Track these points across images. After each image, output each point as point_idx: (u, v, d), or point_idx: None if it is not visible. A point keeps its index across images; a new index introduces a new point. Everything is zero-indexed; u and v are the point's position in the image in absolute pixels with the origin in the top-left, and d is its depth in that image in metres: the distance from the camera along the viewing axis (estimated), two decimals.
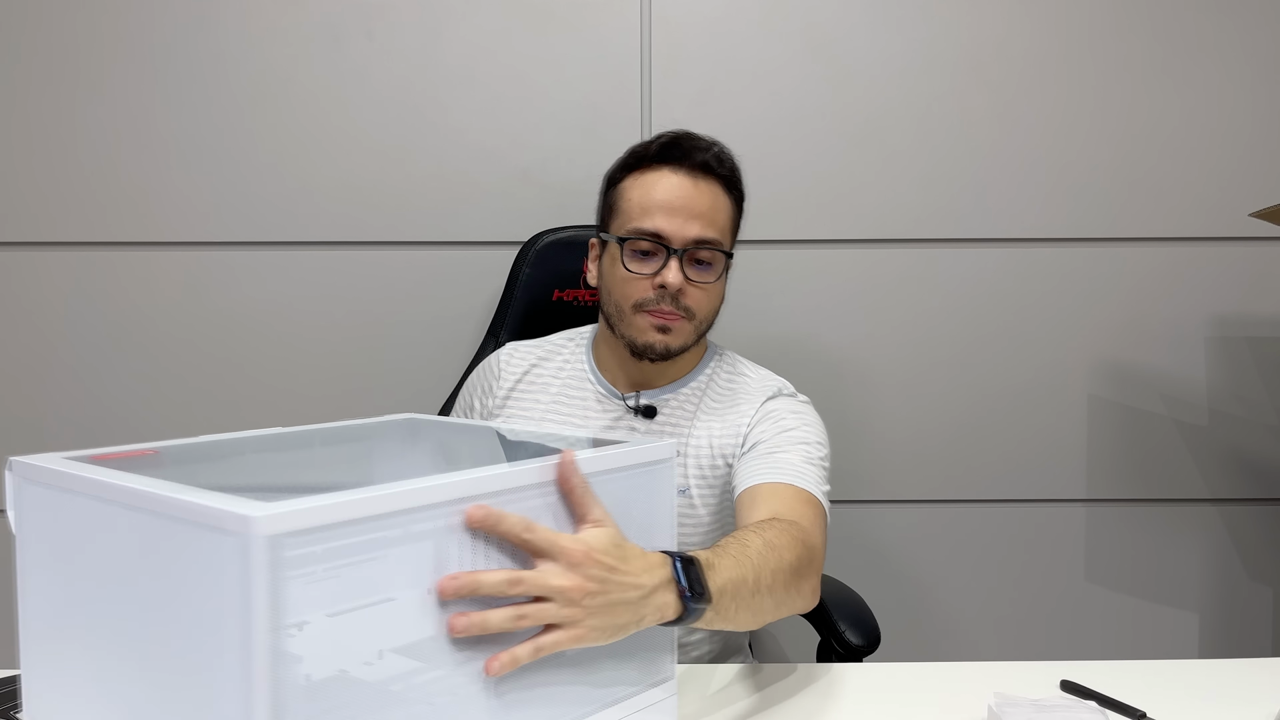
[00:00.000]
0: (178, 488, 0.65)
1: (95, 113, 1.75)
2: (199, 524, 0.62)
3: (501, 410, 1.32)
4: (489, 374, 1.35)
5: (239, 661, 0.60)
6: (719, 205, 1.22)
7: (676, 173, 1.20)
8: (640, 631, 0.80)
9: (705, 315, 1.24)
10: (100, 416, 1.78)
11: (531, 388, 1.32)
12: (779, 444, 1.21)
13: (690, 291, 1.20)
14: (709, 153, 1.22)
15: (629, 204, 1.22)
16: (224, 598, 0.60)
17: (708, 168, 1.21)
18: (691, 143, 1.22)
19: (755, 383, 1.30)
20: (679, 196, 1.19)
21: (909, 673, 1.08)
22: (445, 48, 1.76)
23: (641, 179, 1.23)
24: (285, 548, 0.60)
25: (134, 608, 0.67)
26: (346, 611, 0.63)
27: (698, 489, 1.24)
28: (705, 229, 1.19)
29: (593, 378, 1.30)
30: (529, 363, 1.34)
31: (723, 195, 1.23)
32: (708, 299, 1.23)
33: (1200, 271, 1.80)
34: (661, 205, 1.19)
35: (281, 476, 0.88)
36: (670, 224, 1.19)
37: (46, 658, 0.77)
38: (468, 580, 0.69)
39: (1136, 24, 1.77)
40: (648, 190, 1.21)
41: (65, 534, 0.73)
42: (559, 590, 0.73)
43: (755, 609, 0.93)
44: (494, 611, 0.70)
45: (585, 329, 1.38)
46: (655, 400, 1.28)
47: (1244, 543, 1.85)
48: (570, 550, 0.74)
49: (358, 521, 0.64)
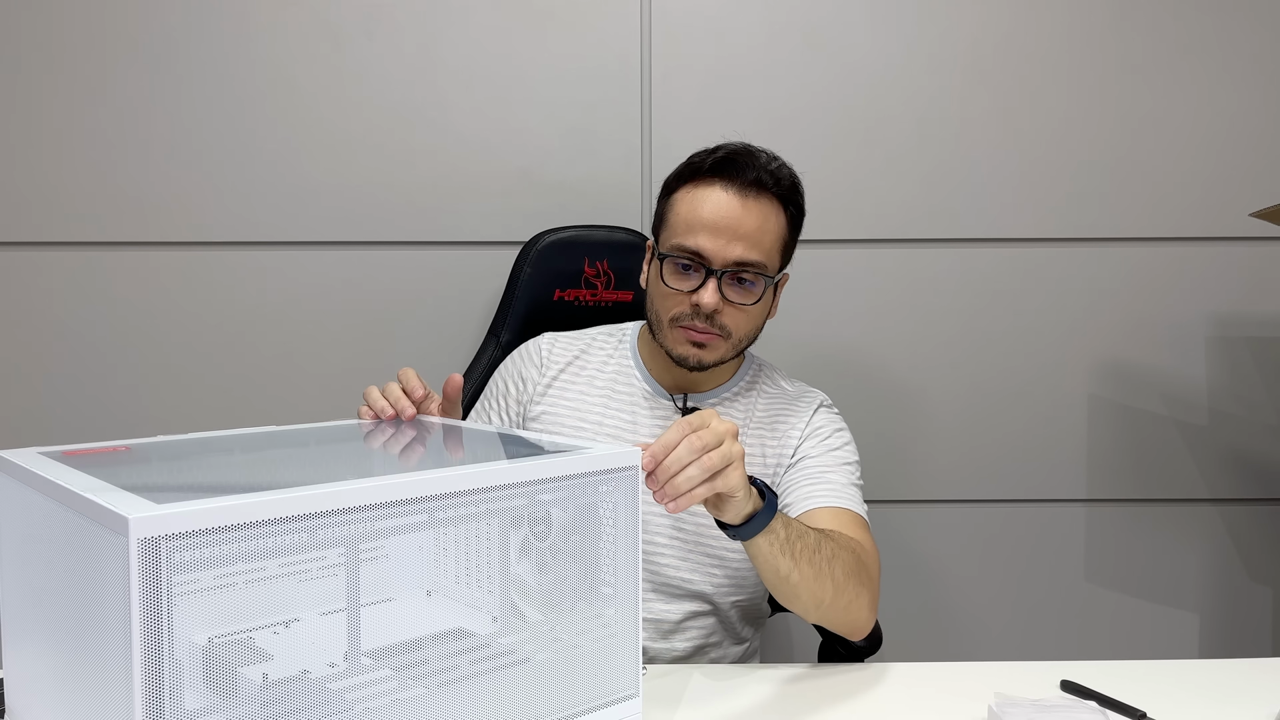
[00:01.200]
0: (94, 485, 0.65)
1: (95, 113, 1.75)
2: (96, 521, 0.62)
3: (544, 397, 1.31)
4: (528, 360, 1.35)
5: (123, 661, 0.59)
6: (768, 226, 1.20)
7: (727, 190, 1.19)
8: (605, 645, 0.82)
9: (744, 334, 1.24)
10: (100, 416, 1.78)
11: (577, 378, 1.33)
12: (827, 464, 1.25)
13: (728, 311, 1.20)
14: (764, 169, 1.20)
15: (676, 217, 1.22)
16: (114, 596, 0.60)
17: (760, 185, 1.20)
18: (748, 159, 1.21)
19: (799, 395, 1.33)
20: (725, 216, 1.18)
21: (909, 672, 1.08)
22: (445, 48, 1.76)
23: (692, 193, 1.21)
24: (164, 550, 0.59)
25: (66, 600, 0.67)
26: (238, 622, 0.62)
27: None
28: (748, 251, 1.18)
29: (639, 374, 1.32)
30: (572, 353, 1.35)
31: (774, 213, 1.21)
32: (746, 319, 1.23)
33: (1200, 271, 1.80)
34: (707, 224, 1.18)
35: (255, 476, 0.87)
36: (713, 244, 1.18)
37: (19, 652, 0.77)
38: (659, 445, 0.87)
39: (1137, 24, 1.77)
40: (695, 206, 1.20)
41: (24, 526, 0.73)
42: (725, 430, 0.89)
43: (817, 569, 1.02)
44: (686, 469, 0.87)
45: (627, 326, 1.39)
46: (701, 404, 1.29)
47: (1244, 543, 1.85)
48: (705, 413, 0.90)
49: (254, 525, 0.62)
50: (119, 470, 0.74)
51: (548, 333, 1.39)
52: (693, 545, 1.25)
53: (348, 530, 0.68)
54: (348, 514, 0.67)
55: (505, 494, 0.76)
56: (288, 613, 0.90)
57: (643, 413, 1.29)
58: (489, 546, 0.95)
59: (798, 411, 1.30)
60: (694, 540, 1.25)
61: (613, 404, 1.30)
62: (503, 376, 1.37)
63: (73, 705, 0.68)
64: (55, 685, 0.70)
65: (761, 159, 1.22)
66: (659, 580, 1.25)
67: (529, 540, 0.93)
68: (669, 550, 1.25)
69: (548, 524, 0.91)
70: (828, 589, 1.03)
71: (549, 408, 1.31)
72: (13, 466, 0.74)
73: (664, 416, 1.29)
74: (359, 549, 0.67)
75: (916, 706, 1.00)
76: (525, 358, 1.36)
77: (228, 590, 0.83)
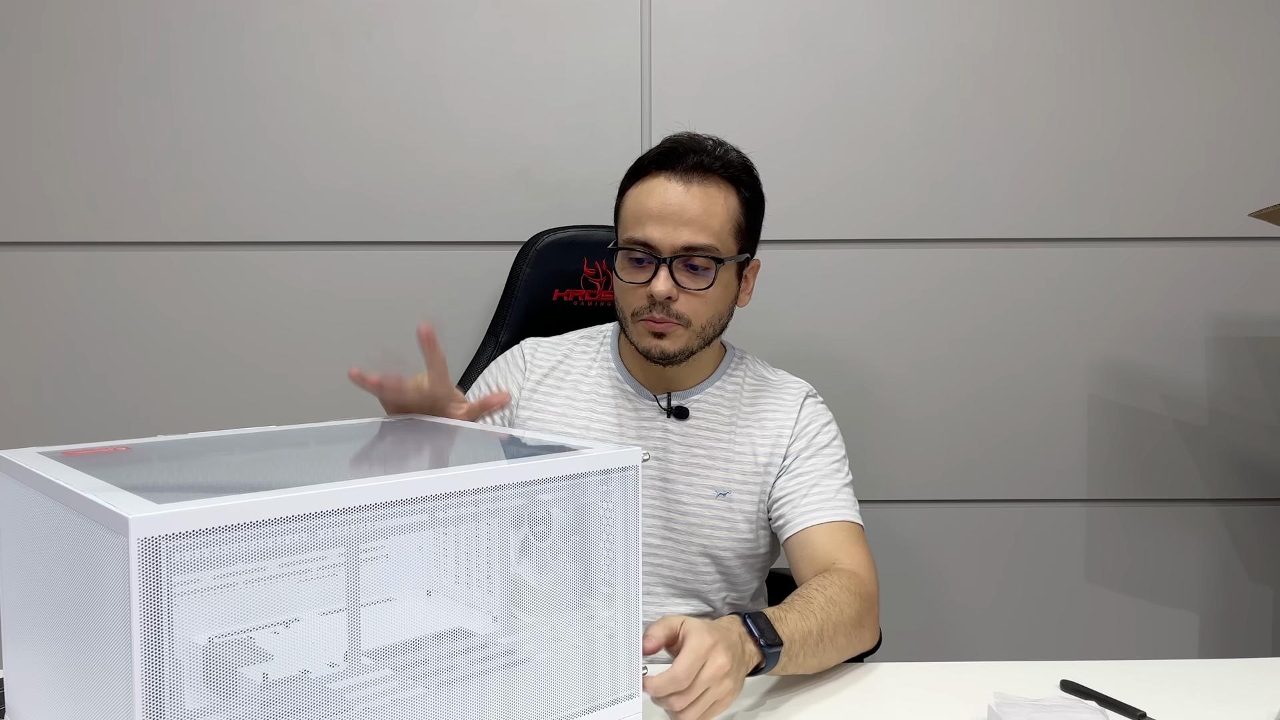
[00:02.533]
0: (94, 485, 0.65)
1: (95, 112, 1.75)
2: (96, 521, 0.62)
3: (529, 402, 1.31)
4: (513, 365, 1.35)
5: (123, 661, 0.59)
6: (714, 209, 1.20)
7: (670, 179, 1.19)
8: (605, 645, 0.83)
9: (706, 321, 1.23)
10: (100, 416, 1.78)
11: (562, 384, 1.32)
12: (819, 468, 1.25)
13: (684, 299, 1.19)
14: (706, 154, 1.20)
15: (625, 213, 1.23)
16: (114, 596, 0.60)
17: (703, 168, 1.20)
18: (688, 146, 1.21)
19: (782, 385, 1.32)
20: (668, 203, 1.18)
21: (909, 672, 1.08)
22: (445, 48, 1.76)
23: (639, 188, 1.22)
24: (164, 550, 0.59)
25: (66, 600, 0.67)
26: (238, 622, 0.62)
27: (739, 492, 1.26)
28: (695, 235, 1.18)
29: (621, 376, 1.31)
30: (555, 359, 1.35)
31: (722, 195, 1.21)
32: (705, 305, 1.21)
33: (1200, 271, 1.80)
34: (652, 213, 1.19)
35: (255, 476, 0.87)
36: (660, 231, 1.18)
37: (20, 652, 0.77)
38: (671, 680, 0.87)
39: (1137, 24, 1.77)
40: (641, 199, 1.21)
41: (24, 526, 0.73)
42: (722, 668, 0.89)
43: (821, 656, 1.05)
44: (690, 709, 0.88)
45: (605, 328, 1.38)
46: (686, 402, 1.29)
47: (1244, 543, 1.85)
48: (704, 641, 0.89)
49: (254, 525, 0.62)
50: (119, 470, 0.74)
51: (529, 338, 1.39)
52: (684, 543, 1.26)
53: (348, 530, 0.68)
54: (348, 514, 0.67)
55: (505, 494, 0.76)
56: (288, 613, 0.90)
57: (628, 415, 1.29)
58: (489, 546, 0.96)
59: (784, 404, 1.29)
60: (686, 538, 1.26)
61: (598, 408, 1.30)
62: (486, 382, 1.37)
63: (73, 705, 0.68)
64: (55, 685, 0.70)
65: (706, 144, 1.22)
66: (659, 578, 1.26)
67: (529, 540, 0.93)
68: (662, 549, 1.26)
69: (548, 524, 0.91)
70: (834, 657, 1.08)
71: (535, 413, 1.31)
72: (13, 466, 0.74)
73: (649, 418, 1.28)
74: (359, 549, 0.67)
75: (916, 706, 1.00)
76: (510, 363, 1.36)
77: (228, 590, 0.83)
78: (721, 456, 1.27)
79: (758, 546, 1.28)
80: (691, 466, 1.27)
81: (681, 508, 1.26)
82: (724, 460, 1.27)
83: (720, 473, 1.26)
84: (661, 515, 1.26)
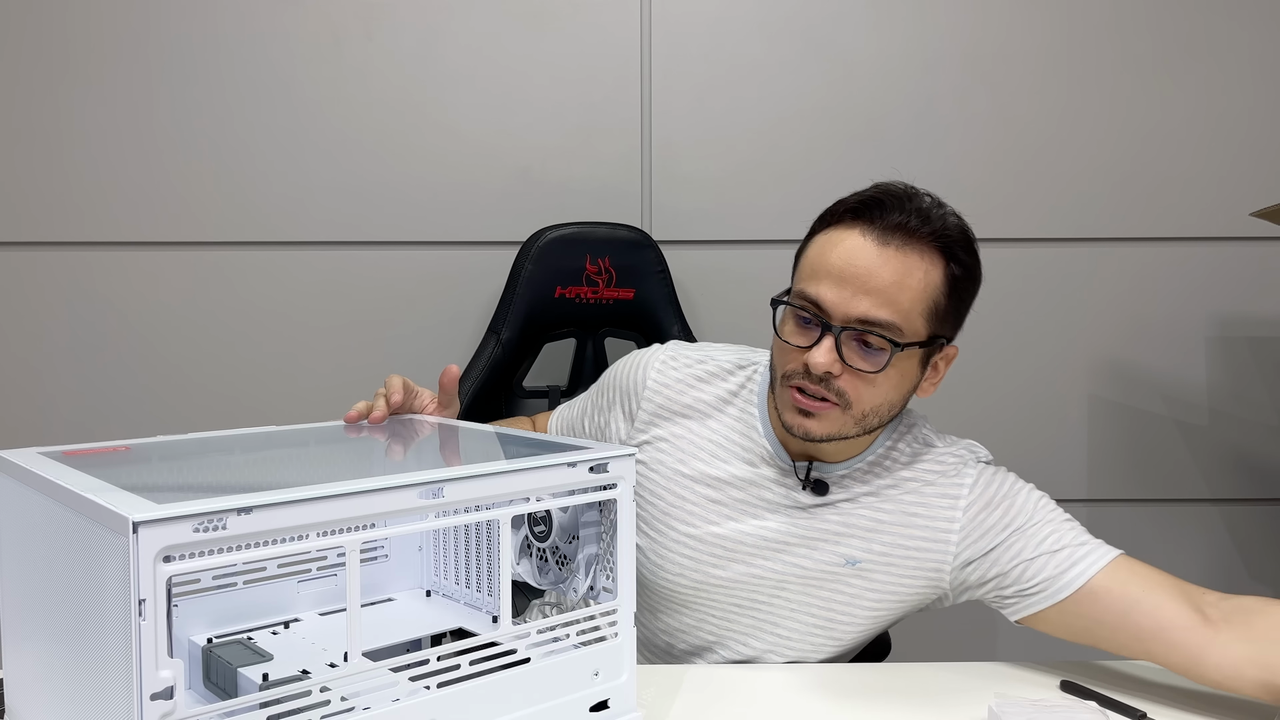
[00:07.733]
0: (94, 485, 0.65)
1: (95, 113, 1.75)
2: (97, 521, 0.62)
3: (648, 429, 1.15)
4: (633, 382, 1.17)
5: (123, 661, 0.60)
6: (909, 281, 0.99)
7: (866, 235, 1.00)
8: (604, 645, 0.81)
9: (870, 408, 1.03)
10: (101, 416, 1.78)
11: (690, 414, 1.14)
12: (1041, 539, 1.07)
13: (846, 376, 1.01)
14: (917, 213, 1.00)
15: (804, 261, 1.05)
16: (114, 596, 0.60)
17: (907, 230, 0.99)
18: (897, 197, 1.01)
19: (941, 469, 1.12)
20: (854, 264, 0.99)
21: (910, 673, 1.08)
22: (445, 48, 1.76)
23: (827, 235, 1.03)
24: (165, 550, 0.59)
25: (66, 600, 0.68)
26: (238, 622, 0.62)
27: (874, 566, 1.10)
28: (876, 308, 0.98)
29: (760, 429, 1.12)
30: (688, 381, 1.16)
31: (923, 267, 1.00)
32: (871, 389, 1.01)
33: (1200, 271, 1.80)
34: (833, 271, 1.00)
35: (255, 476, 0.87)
36: (836, 295, 0.99)
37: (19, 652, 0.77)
38: None
39: (1137, 24, 1.77)
40: (824, 250, 1.02)
41: (24, 526, 0.73)
42: None
43: None
44: None
45: (758, 361, 1.18)
46: (828, 477, 1.10)
47: (1244, 543, 1.85)
48: None
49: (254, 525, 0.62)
50: (119, 470, 0.74)
51: (672, 346, 1.20)
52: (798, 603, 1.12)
53: (347, 530, 0.68)
54: (347, 514, 0.67)
55: (505, 494, 0.76)
56: (288, 613, 0.90)
57: (763, 474, 1.11)
58: (489, 546, 0.96)
59: (943, 497, 1.09)
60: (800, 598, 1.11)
61: (736, 455, 1.12)
62: (609, 389, 1.21)
63: (73, 705, 0.68)
64: (55, 685, 0.70)
65: (922, 201, 1.02)
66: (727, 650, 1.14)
67: (529, 540, 0.93)
68: (733, 626, 1.13)
69: (548, 524, 0.90)
70: None
71: (657, 451, 1.14)
72: (13, 466, 0.74)
73: (792, 487, 1.10)
74: (359, 549, 0.67)
75: (917, 707, 1.00)
76: (630, 378, 1.18)
77: (228, 590, 0.83)
78: (861, 526, 1.09)
79: (873, 625, 1.13)
80: (821, 533, 1.09)
81: (800, 572, 1.10)
82: (864, 530, 1.09)
83: (858, 541, 1.09)
84: (774, 576, 1.10)
